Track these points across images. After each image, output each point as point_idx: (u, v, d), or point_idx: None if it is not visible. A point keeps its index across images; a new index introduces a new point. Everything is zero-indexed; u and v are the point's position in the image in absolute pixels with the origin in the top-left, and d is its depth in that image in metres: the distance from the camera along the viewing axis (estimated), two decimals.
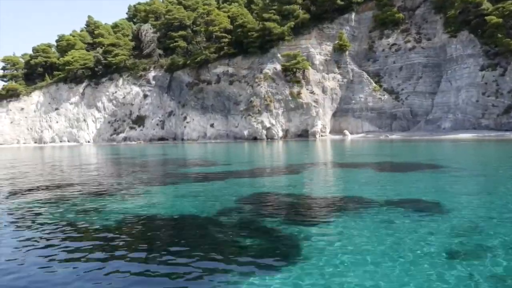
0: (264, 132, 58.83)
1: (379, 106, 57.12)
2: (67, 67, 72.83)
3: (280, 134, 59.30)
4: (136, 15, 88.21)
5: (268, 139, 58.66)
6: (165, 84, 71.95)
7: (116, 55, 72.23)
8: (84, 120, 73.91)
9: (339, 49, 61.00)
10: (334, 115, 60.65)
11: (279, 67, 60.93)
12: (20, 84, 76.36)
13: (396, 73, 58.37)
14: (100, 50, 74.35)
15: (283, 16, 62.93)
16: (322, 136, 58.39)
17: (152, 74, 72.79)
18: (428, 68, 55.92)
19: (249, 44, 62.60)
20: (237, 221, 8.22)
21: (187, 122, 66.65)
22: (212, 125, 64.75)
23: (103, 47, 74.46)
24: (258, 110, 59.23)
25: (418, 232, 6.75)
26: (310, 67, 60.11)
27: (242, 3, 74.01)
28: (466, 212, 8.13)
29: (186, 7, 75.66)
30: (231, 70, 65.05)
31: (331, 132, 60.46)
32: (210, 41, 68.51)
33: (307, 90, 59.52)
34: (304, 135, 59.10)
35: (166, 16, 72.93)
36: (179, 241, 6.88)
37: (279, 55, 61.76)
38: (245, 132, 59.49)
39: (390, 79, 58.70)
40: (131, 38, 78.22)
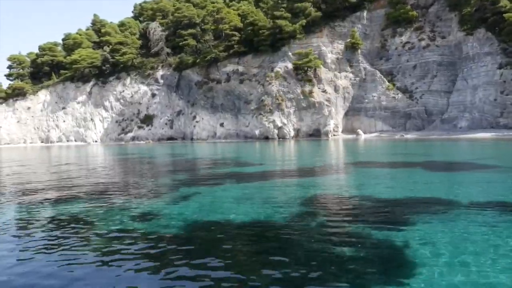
0: (275, 131, 58.00)
1: (393, 105, 56.30)
2: (74, 66, 72.01)
3: (292, 133, 58.47)
4: (142, 13, 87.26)
5: (280, 139, 57.84)
6: (173, 83, 71.13)
7: (124, 53, 71.42)
8: (92, 120, 73.10)
9: (351, 47, 60.20)
10: (346, 114, 59.84)
11: (290, 65, 60.12)
12: (26, 83, 75.53)
13: (409, 71, 57.53)
14: (108, 49, 73.51)
15: (293, 14, 62.11)
16: (334, 135, 57.58)
17: (160, 73, 71.97)
18: (443, 66, 55.09)
19: (259, 43, 61.76)
20: (315, 226, 7.40)
21: (196, 122, 65.83)
22: (222, 124, 63.91)
23: (111, 46, 73.63)
24: (270, 109, 58.40)
25: None
26: (321, 66, 59.32)
27: (252, 1, 73.15)
28: None
29: (195, 5, 74.80)
30: (241, 69, 64.21)
31: (343, 131, 59.63)
32: (219, 39, 67.71)
33: (319, 89, 58.70)
34: (316, 134, 58.27)
35: (175, 14, 72.05)
36: (266, 249, 6.04)
37: (290, 54, 60.96)
38: (256, 132, 58.67)
39: (403, 78, 57.87)
40: (138, 36, 77.42)
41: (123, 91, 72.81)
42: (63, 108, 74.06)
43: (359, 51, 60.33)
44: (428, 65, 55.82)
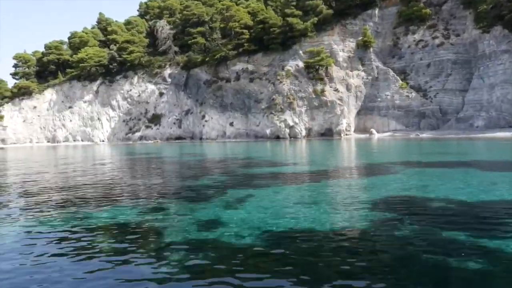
0: (287, 130, 57.19)
1: (407, 104, 55.44)
2: (81, 65, 71.21)
3: (303, 133, 57.65)
4: (148, 12, 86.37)
5: (291, 138, 57.01)
6: (181, 82, 70.31)
7: (131, 52, 70.61)
8: (99, 119, 72.28)
9: (363, 45, 59.40)
10: (358, 113, 59.00)
11: (301, 64, 59.31)
12: (32, 82, 74.72)
13: (423, 70, 56.68)
14: (115, 47, 72.69)
15: (304, 11, 61.29)
16: (346, 135, 56.73)
17: (168, 72, 71.16)
18: (458, 64, 54.24)
19: (270, 41, 60.94)
20: (405, 233, 6.46)
21: (205, 121, 64.97)
22: (231, 123, 63.07)
23: (117, 44, 72.84)
24: (281, 108, 57.57)
25: None
26: (333, 64, 58.49)
27: None
28: None
29: (203, 3, 73.94)
30: (251, 67, 63.37)
31: (355, 131, 58.79)
32: (227, 37, 66.87)
33: (331, 87, 57.88)
34: (327, 134, 57.46)
35: (184, 12, 71.25)
36: (370, 263, 5.19)
37: (301, 52, 60.13)
38: (267, 131, 57.85)
39: (417, 76, 57.01)
40: (145, 35, 76.60)
41: (131, 90, 72.00)
42: (70, 107, 73.26)
43: (371, 49, 59.51)
44: (442, 63, 54.96)
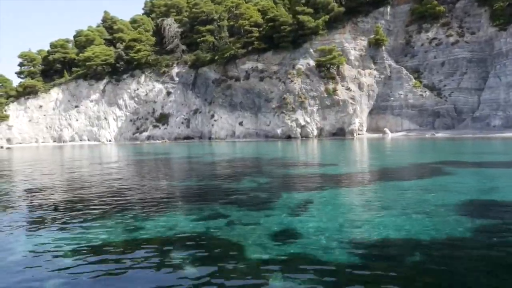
0: (298, 130, 56.27)
1: (420, 103, 54.52)
2: (87, 63, 70.24)
3: (315, 132, 56.72)
4: (153, 10, 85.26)
5: (303, 138, 56.10)
6: (189, 81, 69.36)
7: (138, 50, 69.64)
8: (105, 118, 71.35)
9: (375, 43, 58.47)
10: (370, 113, 58.07)
11: (312, 62, 58.38)
12: (38, 80, 73.75)
13: (437, 68, 55.74)
14: (121, 46, 71.73)
15: (315, 9, 60.34)
16: (359, 134, 55.80)
17: (175, 71, 70.22)
18: (473, 63, 53.30)
19: (280, 39, 59.94)
20: None
21: (214, 120, 64.00)
22: (241, 123, 62.11)
23: (124, 43, 71.89)
24: (292, 108, 56.64)
25: None
26: (345, 63, 57.56)
27: None
28: None
29: (212, 1, 72.96)
30: (260, 66, 62.39)
31: (367, 130, 57.85)
32: (235, 36, 65.89)
33: (343, 86, 56.95)
34: (339, 133, 56.54)
35: (193, 10, 70.24)
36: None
37: (312, 50, 59.19)
38: (278, 131, 56.90)
39: (430, 75, 56.09)
40: (152, 33, 75.65)
41: (138, 89, 71.06)
42: (76, 106, 72.33)
43: (383, 47, 58.59)
44: (457, 62, 54.02)
